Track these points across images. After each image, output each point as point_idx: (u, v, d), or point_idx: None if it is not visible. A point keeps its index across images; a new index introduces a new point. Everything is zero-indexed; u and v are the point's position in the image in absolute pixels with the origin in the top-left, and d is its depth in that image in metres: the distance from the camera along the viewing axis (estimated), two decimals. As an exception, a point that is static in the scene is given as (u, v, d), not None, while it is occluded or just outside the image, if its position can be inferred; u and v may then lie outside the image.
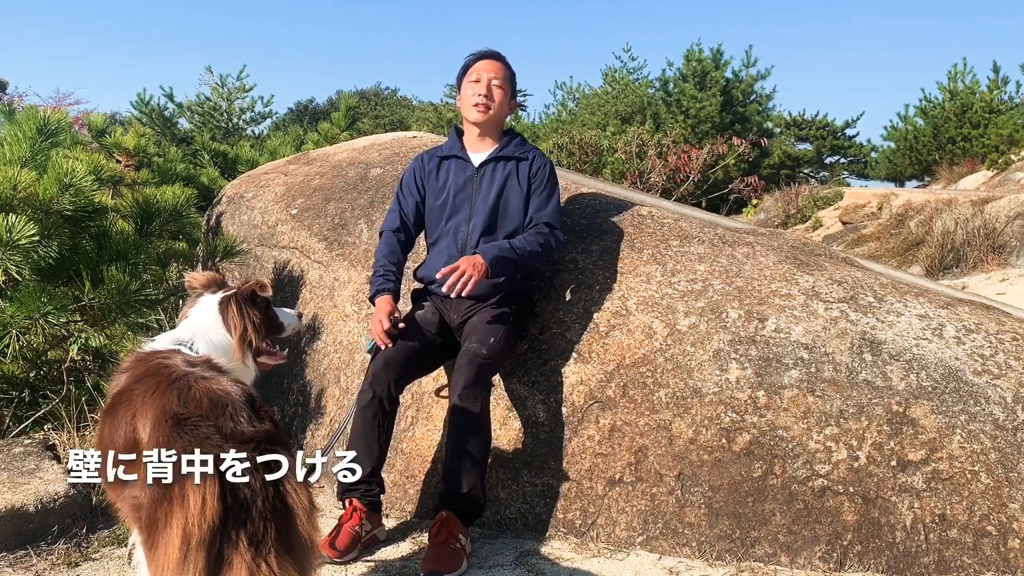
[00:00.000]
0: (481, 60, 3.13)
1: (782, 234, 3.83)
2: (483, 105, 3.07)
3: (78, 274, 3.19)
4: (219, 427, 1.70)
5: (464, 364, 2.83)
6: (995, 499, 2.54)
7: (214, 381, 1.82)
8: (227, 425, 1.71)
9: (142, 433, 1.75)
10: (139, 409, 1.79)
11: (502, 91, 3.11)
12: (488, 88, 3.08)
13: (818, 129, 27.20)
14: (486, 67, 3.11)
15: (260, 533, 1.62)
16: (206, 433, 1.68)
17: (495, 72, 3.11)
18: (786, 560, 2.65)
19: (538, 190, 3.08)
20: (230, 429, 1.70)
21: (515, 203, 3.06)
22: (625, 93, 25.70)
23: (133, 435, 1.77)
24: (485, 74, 3.09)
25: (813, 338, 2.85)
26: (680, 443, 2.81)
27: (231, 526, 1.60)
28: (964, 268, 8.97)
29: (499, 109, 3.11)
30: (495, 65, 3.12)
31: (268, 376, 4.08)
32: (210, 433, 1.68)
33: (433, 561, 2.63)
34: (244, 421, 1.73)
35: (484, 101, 3.07)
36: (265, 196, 4.62)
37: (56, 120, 3.42)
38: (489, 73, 3.09)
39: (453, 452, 2.76)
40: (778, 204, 17.09)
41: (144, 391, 1.82)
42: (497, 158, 3.10)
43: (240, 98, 21.36)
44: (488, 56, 3.15)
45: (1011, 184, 14.51)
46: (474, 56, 3.16)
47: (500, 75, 3.11)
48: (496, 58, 3.15)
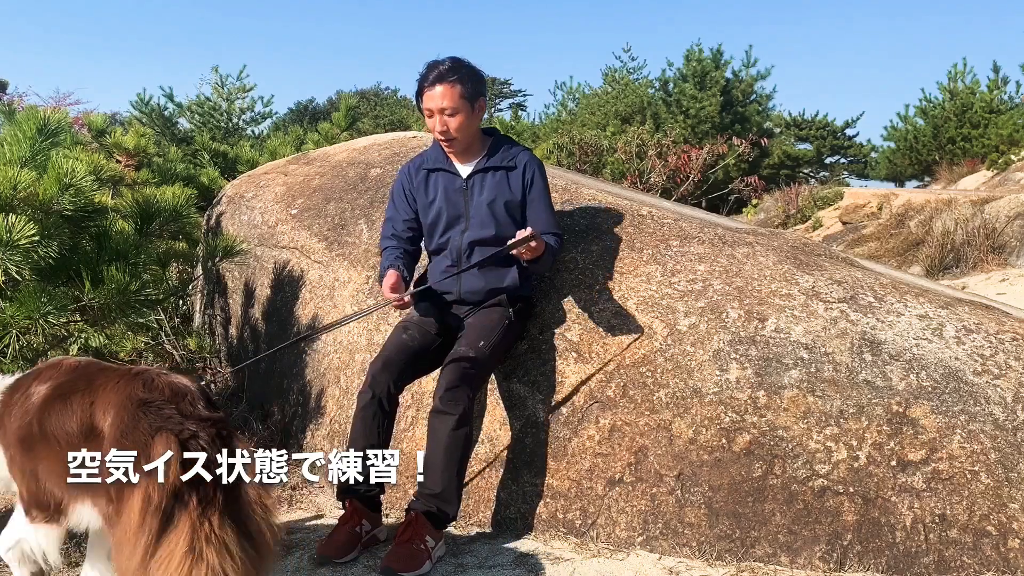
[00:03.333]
0: (428, 90, 2.92)
1: (782, 234, 3.84)
2: (445, 140, 2.98)
3: (78, 274, 3.19)
4: (180, 409, 1.97)
5: (449, 366, 2.84)
6: (995, 499, 2.54)
7: (174, 376, 2.09)
8: (187, 408, 1.98)
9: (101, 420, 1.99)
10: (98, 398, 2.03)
11: (459, 116, 2.92)
12: (443, 122, 2.93)
13: (818, 129, 27.19)
14: (433, 98, 2.91)
15: (209, 497, 1.88)
16: (169, 414, 1.95)
17: (445, 100, 2.89)
18: (786, 560, 2.65)
19: (535, 201, 3.04)
20: (190, 411, 1.97)
21: (507, 212, 3.01)
22: (625, 93, 25.70)
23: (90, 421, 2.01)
24: (435, 106, 2.91)
25: (813, 338, 2.85)
26: (680, 443, 2.81)
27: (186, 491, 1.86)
28: (964, 268, 8.97)
29: (464, 131, 2.96)
30: (443, 92, 2.89)
31: (268, 376, 4.08)
32: (172, 414, 1.95)
33: (392, 559, 2.64)
34: (202, 407, 2.01)
35: (443, 136, 2.96)
36: (265, 196, 4.62)
37: (56, 120, 3.41)
38: (439, 103, 2.90)
39: (429, 453, 2.76)
40: (778, 204, 17.09)
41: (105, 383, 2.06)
42: (485, 169, 3.02)
43: (240, 98, 21.38)
44: (433, 82, 2.91)
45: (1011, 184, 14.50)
46: (421, 80, 2.95)
47: (451, 102, 2.90)
48: (441, 81, 2.89)
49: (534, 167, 3.08)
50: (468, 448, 2.89)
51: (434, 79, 2.91)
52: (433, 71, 2.92)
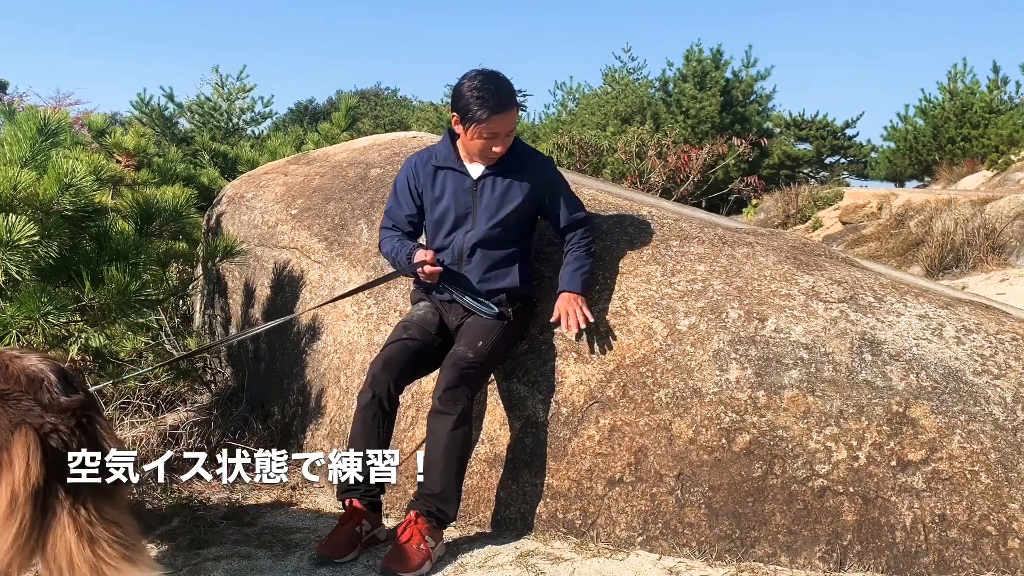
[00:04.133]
0: (500, 115, 2.84)
1: (782, 234, 3.84)
2: (496, 160, 2.94)
3: (78, 274, 3.19)
4: (39, 399, 2.01)
5: (448, 366, 2.84)
6: (995, 499, 2.54)
7: (27, 359, 2.11)
8: (45, 397, 2.02)
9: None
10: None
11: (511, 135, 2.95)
12: (502, 142, 2.90)
13: (818, 129, 27.21)
14: (504, 123, 2.86)
15: (78, 485, 1.95)
16: (27, 406, 1.99)
17: (511, 125, 2.90)
18: (786, 560, 2.65)
19: (555, 198, 3.05)
20: (48, 400, 2.01)
21: (515, 217, 2.99)
22: (625, 93, 25.72)
23: None
24: (503, 130, 2.87)
25: (813, 338, 2.85)
26: (680, 443, 2.81)
27: (54, 482, 1.93)
28: (964, 268, 8.98)
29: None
30: (510, 119, 2.88)
31: (268, 376, 4.08)
32: (31, 406, 1.99)
33: (391, 559, 2.65)
34: (59, 393, 2.04)
35: (498, 158, 2.94)
36: (265, 196, 4.62)
37: (56, 120, 3.41)
38: (505, 128, 2.88)
39: (429, 453, 2.77)
40: (778, 204, 17.11)
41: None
42: (497, 171, 2.99)
43: (240, 98, 21.39)
44: (502, 110, 2.84)
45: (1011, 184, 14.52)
46: (487, 109, 2.82)
47: (514, 123, 2.92)
48: (508, 107, 2.87)
49: (547, 169, 3.08)
50: (468, 448, 2.90)
51: (504, 104, 2.85)
52: (499, 95, 2.84)
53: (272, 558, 2.80)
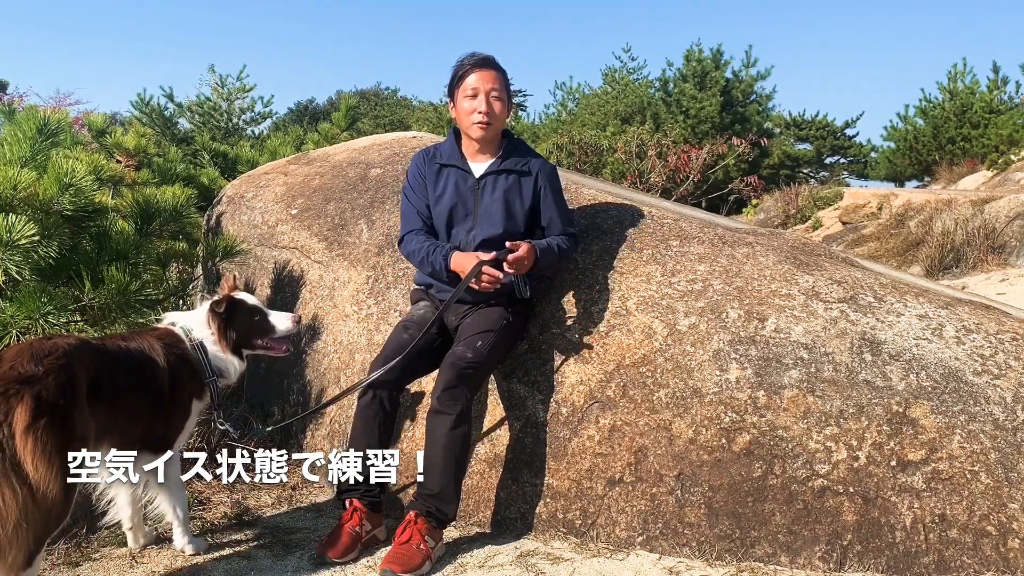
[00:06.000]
0: (475, 71, 2.94)
1: (782, 234, 3.84)
2: (484, 123, 2.95)
3: (78, 274, 3.19)
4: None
5: (447, 366, 2.83)
6: (995, 499, 2.54)
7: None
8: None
9: None
10: None
11: (500, 102, 2.97)
12: (487, 103, 2.94)
13: (818, 129, 27.20)
14: (482, 79, 2.94)
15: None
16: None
17: (492, 83, 2.94)
18: (786, 560, 2.65)
19: (548, 200, 3.05)
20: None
21: (517, 216, 3.01)
22: (625, 93, 25.71)
23: None
24: (482, 86, 2.93)
25: (813, 338, 2.85)
26: (680, 443, 2.81)
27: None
28: (964, 268, 8.98)
29: (499, 121, 2.99)
30: (491, 75, 2.95)
31: (268, 376, 4.08)
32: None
33: (391, 559, 2.65)
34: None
35: (485, 119, 2.94)
36: (265, 196, 4.62)
37: (56, 120, 3.41)
38: (486, 85, 2.93)
39: (428, 453, 2.77)
40: (778, 204, 17.10)
41: None
42: (499, 171, 3.01)
43: (240, 98, 21.41)
44: (482, 66, 2.96)
45: (1011, 184, 14.52)
46: (466, 66, 2.97)
47: (497, 84, 2.96)
48: (490, 66, 2.97)
49: (548, 171, 3.08)
50: (467, 448, 2.89)
51: (482, 63, 2.97)
52: (478, 56, 2.98)
53: (272, 558, 2.80)
